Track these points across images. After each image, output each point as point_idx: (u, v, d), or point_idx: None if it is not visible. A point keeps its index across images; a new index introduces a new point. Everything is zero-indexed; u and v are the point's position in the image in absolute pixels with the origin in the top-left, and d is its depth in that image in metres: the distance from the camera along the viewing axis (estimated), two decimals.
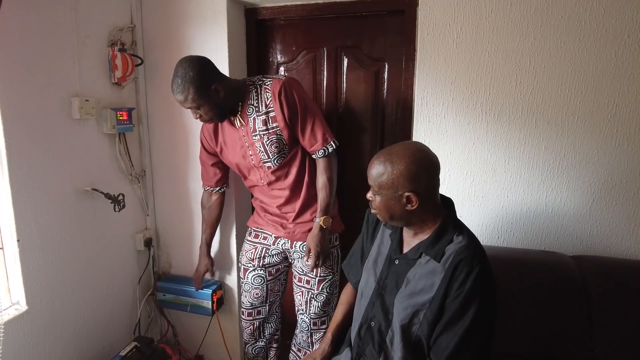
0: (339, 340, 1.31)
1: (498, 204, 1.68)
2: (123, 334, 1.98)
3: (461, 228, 1.09)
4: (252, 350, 1.85)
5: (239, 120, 1.54)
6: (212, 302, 1.94)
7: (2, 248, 1.48)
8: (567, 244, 1.64)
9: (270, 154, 1.53)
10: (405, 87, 1.75)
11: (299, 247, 1.65)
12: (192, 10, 1.84)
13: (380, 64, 1.84)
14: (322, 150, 1.53)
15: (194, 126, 1.93)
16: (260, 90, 1.51)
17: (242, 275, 1.78)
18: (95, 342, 1.83)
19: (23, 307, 1.49)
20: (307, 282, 1.67)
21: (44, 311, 1.57)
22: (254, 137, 1.53)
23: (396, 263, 1.14)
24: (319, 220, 1.55)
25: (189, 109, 1.48)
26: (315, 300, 1.67)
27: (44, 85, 1.53)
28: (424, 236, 1.10)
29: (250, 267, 1.73)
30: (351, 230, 1.80)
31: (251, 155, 1.57)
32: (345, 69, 1.88)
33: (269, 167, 1.57)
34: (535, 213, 1.65)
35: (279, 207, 1.64)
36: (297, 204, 1.62)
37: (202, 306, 1.97)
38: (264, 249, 1.71)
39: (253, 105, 1.51)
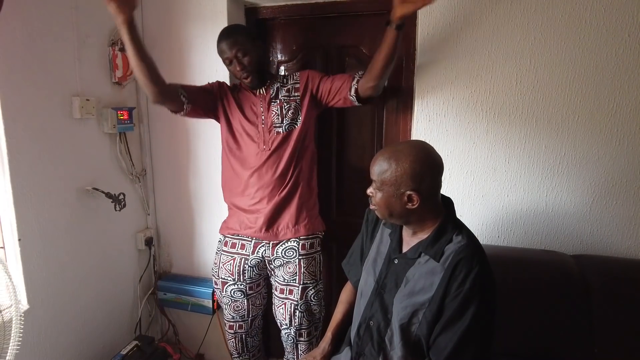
0: (339, 339, 1.31)
1: (498, 203, 1.68)
2: (124, 333, 1.99)
3: (460, 228, 1.09)
4: None
5: (262, 90, 1.62)
6: (213, 302, 1.95)
7: (3, 247, 1.48)
8: (568, 243, 1.64)
9: (284, 119, 1.57)
10: (406, 86, 1.75)
11: (281, 253, 1.58)
12: (192, 10, 1.85)
13: None
14: (355, 79, 1.51)
15: (194, 125, 1.94)
16: (289, 75, 1.65)
17: (220, 289, 1.68)
18: (96, 341, 1.84)
19: (24, 306, 1.50)
20: (290, 291, 1.60)
21: (45, 310, 1.58)
22: (272, 102, 1.59)
23: (395, 262, 1.14)
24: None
25: (231, 60, 1.51)
26: (298, 310, 1.61)
27: (45, 84, 1.53)
28: (423, 235, 1.10)
29: (230, 280, 1.64)
30: (351, 231, 1.80)
31: (263, 119, 1.58)
32: (345, 68, 1.88)
33: (277, 133, 1.56)
34: (535, 212, 1.65)
35: (265, 200, 1.57)
36: (285, 204, 1.57)
37: (202, 305, 1.98)
38: (243, 259, 1.62)
39: (280, 82, 1.63)
